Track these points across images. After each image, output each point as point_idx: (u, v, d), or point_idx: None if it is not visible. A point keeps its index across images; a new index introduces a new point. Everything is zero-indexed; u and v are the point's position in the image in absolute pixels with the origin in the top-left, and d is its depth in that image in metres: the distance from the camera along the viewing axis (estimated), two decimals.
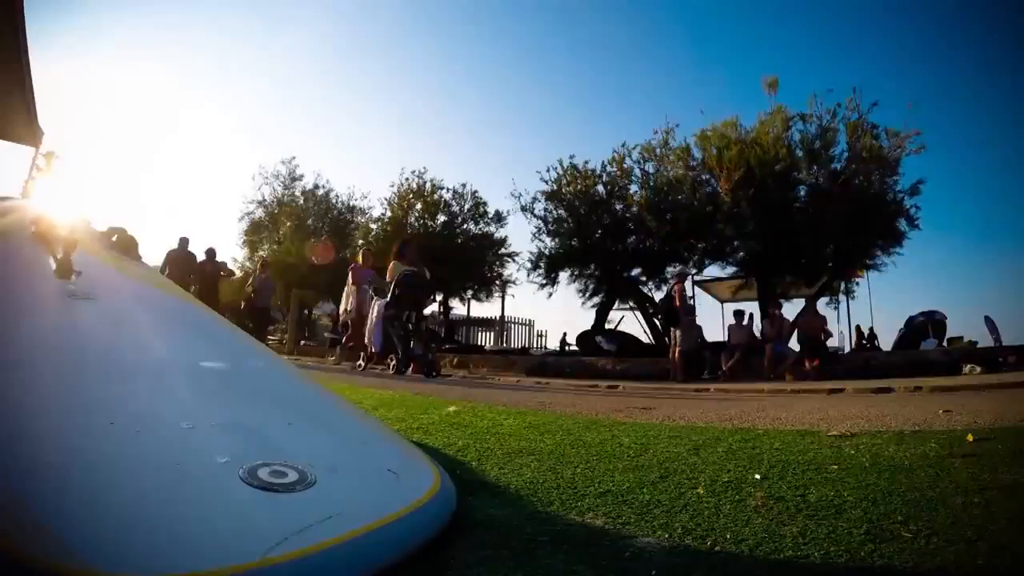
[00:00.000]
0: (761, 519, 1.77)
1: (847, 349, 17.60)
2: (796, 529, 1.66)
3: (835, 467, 2.49)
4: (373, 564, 1.30)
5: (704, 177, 15.05)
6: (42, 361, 2.11)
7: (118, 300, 3.23)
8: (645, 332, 18.01)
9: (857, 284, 16.82)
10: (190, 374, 2.48)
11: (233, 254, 26.92)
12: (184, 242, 14.33)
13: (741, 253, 14.97)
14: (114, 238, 4.37)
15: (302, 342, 24.61)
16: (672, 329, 12.49)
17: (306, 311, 28.11)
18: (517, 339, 27.13)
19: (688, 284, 15.47)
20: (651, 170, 16.48)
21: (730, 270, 16.46)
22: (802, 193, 14.27)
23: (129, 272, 3.89)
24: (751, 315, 14.25)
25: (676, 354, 12.02)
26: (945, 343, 16.09)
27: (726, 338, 13.85)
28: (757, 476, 2.34)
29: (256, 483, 1.46)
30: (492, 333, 27.63)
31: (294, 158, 27.49)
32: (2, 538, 1.09)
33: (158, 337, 2.81)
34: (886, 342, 18.32)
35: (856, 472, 2.38)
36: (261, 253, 25.68)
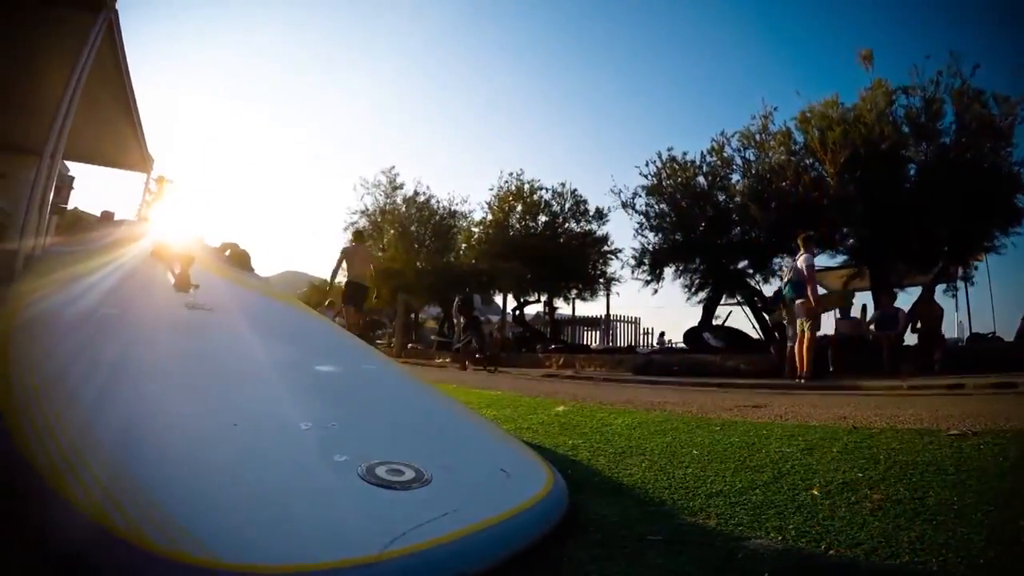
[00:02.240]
0: (877, 523, 1.72)
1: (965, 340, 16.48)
2: (914, 534, 1.61)
3: (955, 469, 2.39)
4: (488, 559, 1.33)
5: (808, 162, 14.36)
6: (168, 368, 2.25)
7: (234, 310, 3.38)
8: (754, 327, 17.43)
9: (975, 269, 15.74)
10: (306, 377, 2.59)
11: None
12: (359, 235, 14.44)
13: (851, 240, 14.24)
14: (227, 252, 4.58)
15: (409, 345, 25.07)
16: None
17: (412, 314, 28.58)
18: (623, 338, 26.88)
19: None
20: (752, 157, 15.79)
21: (840, 259, 15.73)
22: (911, 172, 13.41)
23: (243, 284, 4.08)
24: (864, 306, 13.69)
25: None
26: None
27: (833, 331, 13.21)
28: (859, 474, 2.28)
29: (374, 480, 1.53)
30: (598, 332, 27.48)
31: (393, 167, 27.96)
32: (135, 531, 1.17)
33: (273, 343, 2.94)
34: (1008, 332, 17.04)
35: (977, 474, 2.27)
36: None
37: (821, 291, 10.72)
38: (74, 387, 1.82)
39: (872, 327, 11.76)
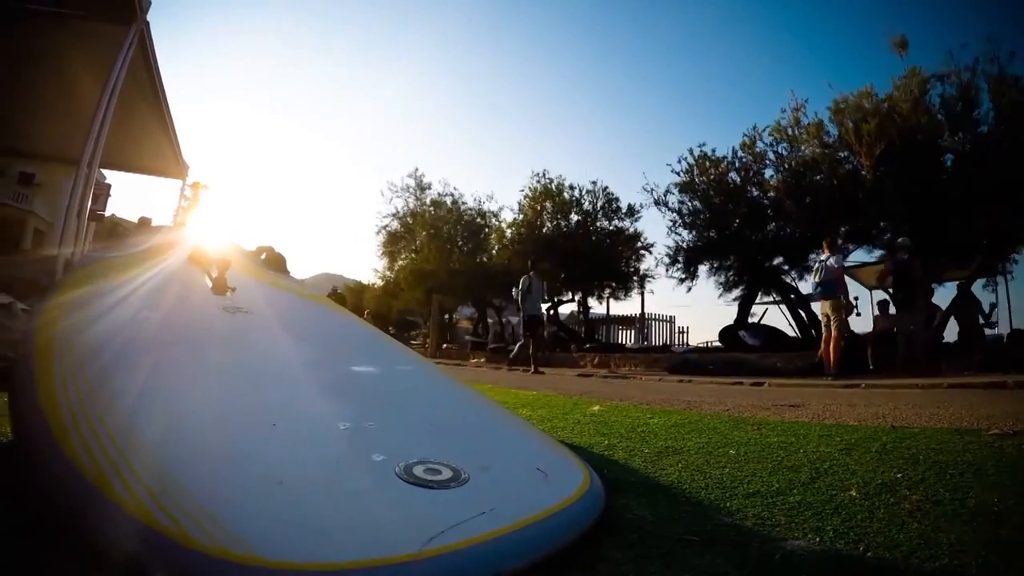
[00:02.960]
0: (916, 524, 1.70)
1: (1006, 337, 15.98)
2: (953, 536, 1.58)
3: (995, 469, 2.35)
4: (524, 559, 1.33)
5: (842, 154, 14.10)
6: (207, 370, 2.29)
7: (271, 312, 3.42)
8: (790, 325, 17.21)
9: (1015, 262, 15.29)
10: (343, 378, 2.62)
11: (374, 265, 27.81)
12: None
13: (888, 235, 13.90)
14: (263, 256, 4.63)
15: (443, 345, 25.21)
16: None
17: (446, 315, 28.73)
18: (658, 337, 26.75)
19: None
20: (784, 151, 15.57)
21: (876, 254, 15.37)
22: (948, 163, 13.03)
23: (280, 286, 4.12)
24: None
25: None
26: None
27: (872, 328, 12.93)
28: (898, 475, 2.25)
29: (412, 480, 1.55)
30: (632, 331, 27.36)
31: (418, 169, 28.23)
32: (176, 528, 1.19)
33: (310, 344, 2.98)
34: None
35: (1019, 475, 2.24)
36: (400, 262, 26.47)
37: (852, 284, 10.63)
38: (117, 390, 1.85)
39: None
